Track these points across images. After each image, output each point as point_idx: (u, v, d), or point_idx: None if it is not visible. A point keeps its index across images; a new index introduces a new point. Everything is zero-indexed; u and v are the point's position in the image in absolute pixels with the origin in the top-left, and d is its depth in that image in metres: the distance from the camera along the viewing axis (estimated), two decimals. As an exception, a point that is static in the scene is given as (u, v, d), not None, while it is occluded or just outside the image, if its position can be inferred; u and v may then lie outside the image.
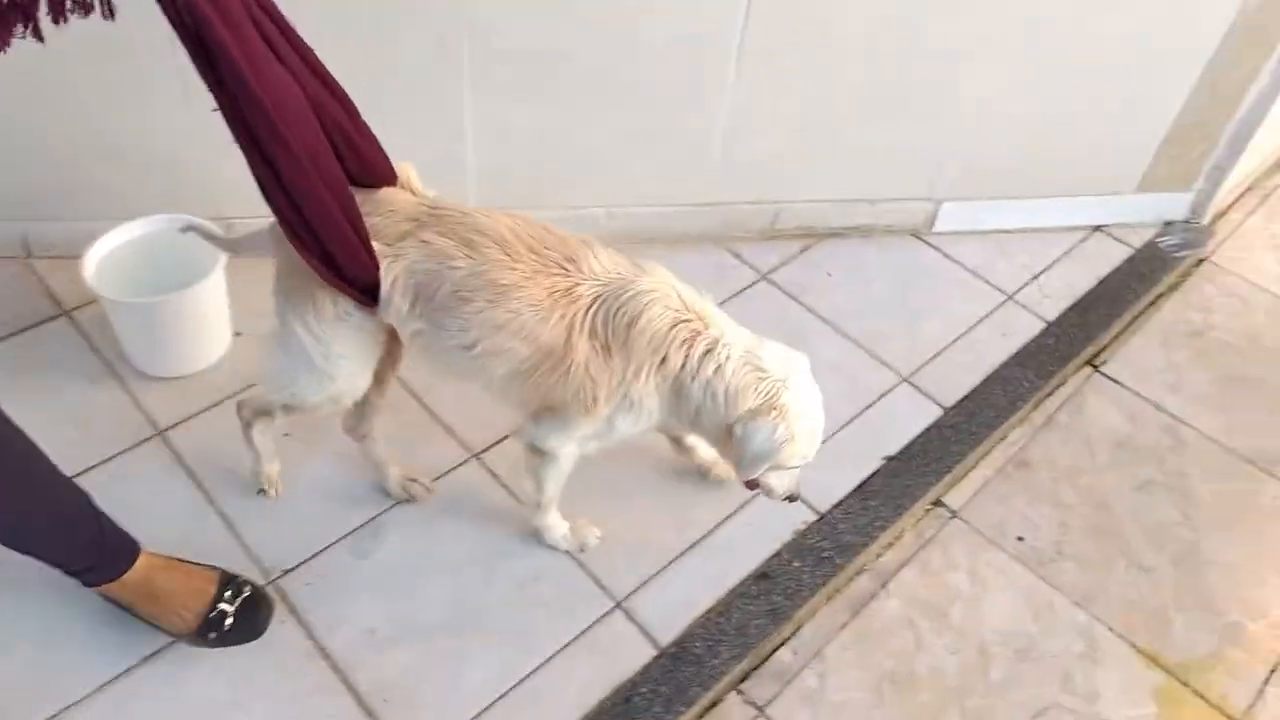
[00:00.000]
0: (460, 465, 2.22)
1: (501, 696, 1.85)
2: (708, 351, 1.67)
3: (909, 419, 2.44)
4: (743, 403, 1.68)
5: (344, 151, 1.56)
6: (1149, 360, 2.79)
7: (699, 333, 1.67)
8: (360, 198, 1.61)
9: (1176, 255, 2.97)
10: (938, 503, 2.38)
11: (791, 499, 1.91)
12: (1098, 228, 3.05)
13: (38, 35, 1.14)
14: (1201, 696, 2.09)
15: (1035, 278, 2.86)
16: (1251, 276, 3.09)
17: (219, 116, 1.38)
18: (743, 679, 2.02)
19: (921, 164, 2.75)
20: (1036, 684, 2.07)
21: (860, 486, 2.27)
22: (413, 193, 1.71)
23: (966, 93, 2.58)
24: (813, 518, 2.21)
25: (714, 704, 1.97)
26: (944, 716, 2.00)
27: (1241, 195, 3.38)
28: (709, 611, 2.01)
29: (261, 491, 2.10)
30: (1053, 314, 2.75)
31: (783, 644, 2.08)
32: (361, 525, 2.12)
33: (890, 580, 2.22)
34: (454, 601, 2.00)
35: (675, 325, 1.65)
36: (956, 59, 2.51)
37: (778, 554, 2.13)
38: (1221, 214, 3.30)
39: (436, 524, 2.13)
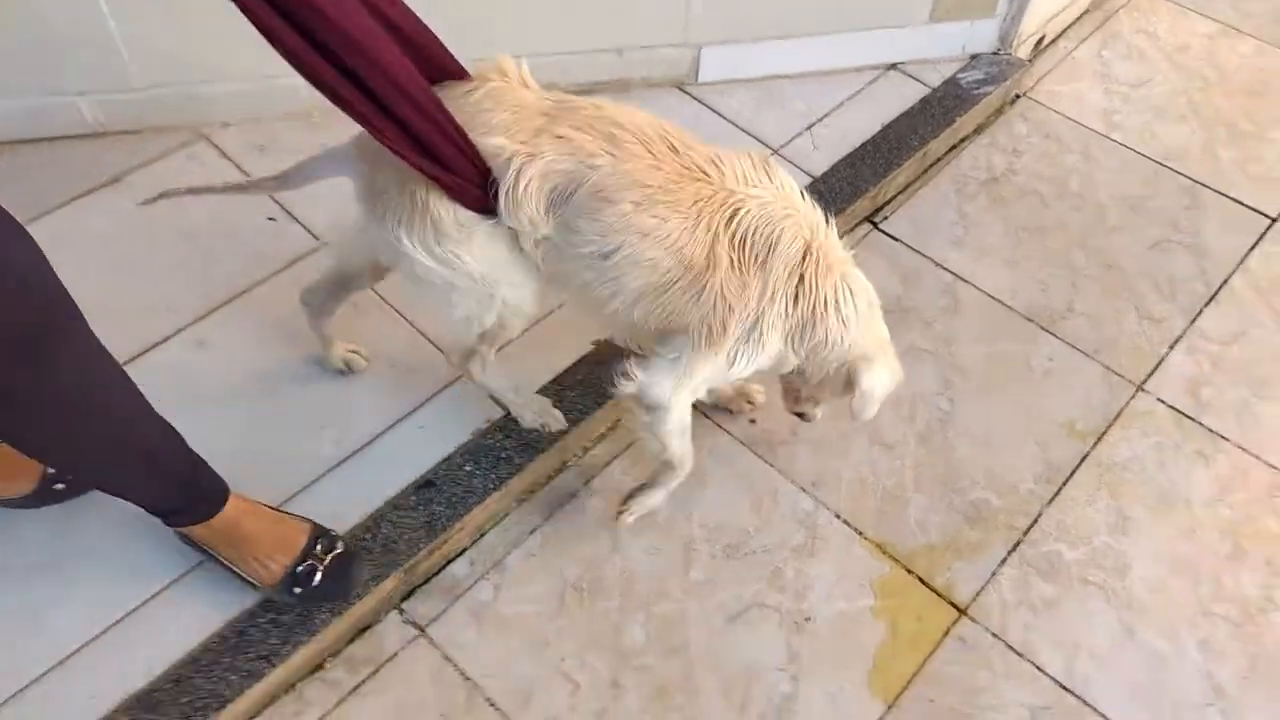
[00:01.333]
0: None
1: (94, 639, 1.64)
2: (836, 285, 1.54)
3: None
4: (863, 343, 1.60)
5: (412, 54, 1.42)
6: (937, 212, 2.51)
7: (830, 264, 1.54)
8: (475, 93, 1.48)
9: (979, 91, 2.64)
10: (666, 387, 2.15)
11: None
12: (892, 66, 2.71)
13: None
14: (926, 585, 1.89)
15: (809, 127, 2.55)
16: (1072, 112, 2.77)
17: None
18: (407, 596, 1.82)
19: (666, 2, 2.40)
20: (740, 582, 1.87)
21: (557, 378, 2.03)
22: (527, 87, 1.53)
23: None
24: (498, 414, 1.97)
25: (367, 627, 1.78)
26: (627, 626, 1.80)
27: (1077, 20, 3.03)
28: (355, 529, 1.80)
29: (545, 426, 1.92)
30: (822, 167, 2.45)
31: (461, 554, 1.88)
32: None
33: (596, 476, 2.01)
34: (58, 536, 1.75)
35: (808, 253, 1.52)
36: None
37: (449, 458, 1.90)
38: (1050, 42, 2.96)
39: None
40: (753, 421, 2.10)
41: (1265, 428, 2.11)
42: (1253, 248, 2.46)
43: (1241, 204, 2.55)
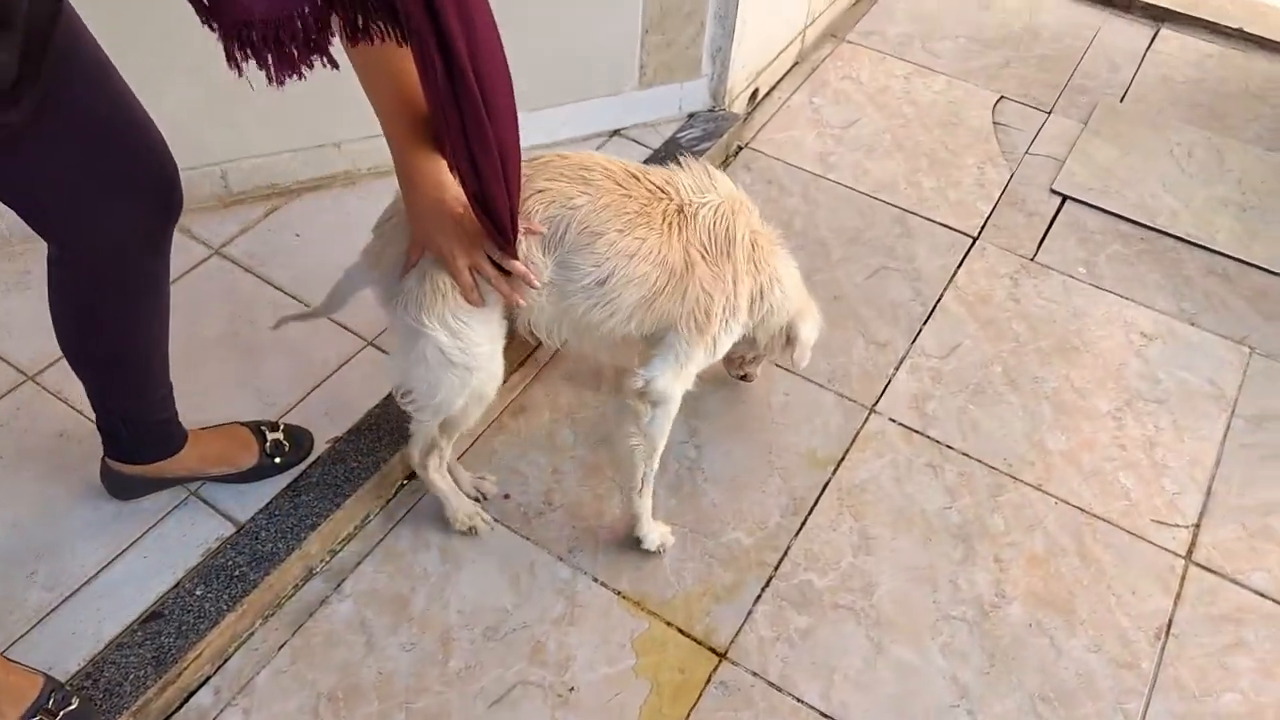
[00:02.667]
0: None
1: None
2: (776, 262, 1.86)
3: (369, 387, 2.15)
4: (796, 304, 1.94)
5: None
6: (673, 267, 2.60)
7: (770, 245, 1.85)
8: None
9: (699, 148, 2.77)
10: (415, 475, 2.11)
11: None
12: (615, 132, 2.82)
13: (334, 64, 1.23)
14: (686, 634, 1.91)
15: (537, 199, 2.60)
16: (791, 158, 2.94)
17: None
18: (147, 742, 1.70)
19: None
20: (501, 664, 1.84)
21: (292, 483, 1.96)
22: None
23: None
24: (229, 531, 1.88)
25: (102, 782, 1.64)
26: (386, 729, 1.74)
27: (788, 71, 3.24)
28: (75, 677, 1.67)
29: (472, 530, 1.99)
30: (552, 237, 2.49)
31: (204, 683, 1.77)
32: None
33: (347, 578, 1.94)
34: None
35: (754, 234, 1.80)
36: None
37: (177, 585, 1.80)
38: (766, 94, 3.14)
39: None
40: (507, 497, 2.09)
41: (982, 432, 2.27)
42: (959, 266, 2.66)
43: (946, 226, 2.76)
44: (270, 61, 1.20)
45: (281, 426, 1.98)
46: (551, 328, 1.77)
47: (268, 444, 1.94)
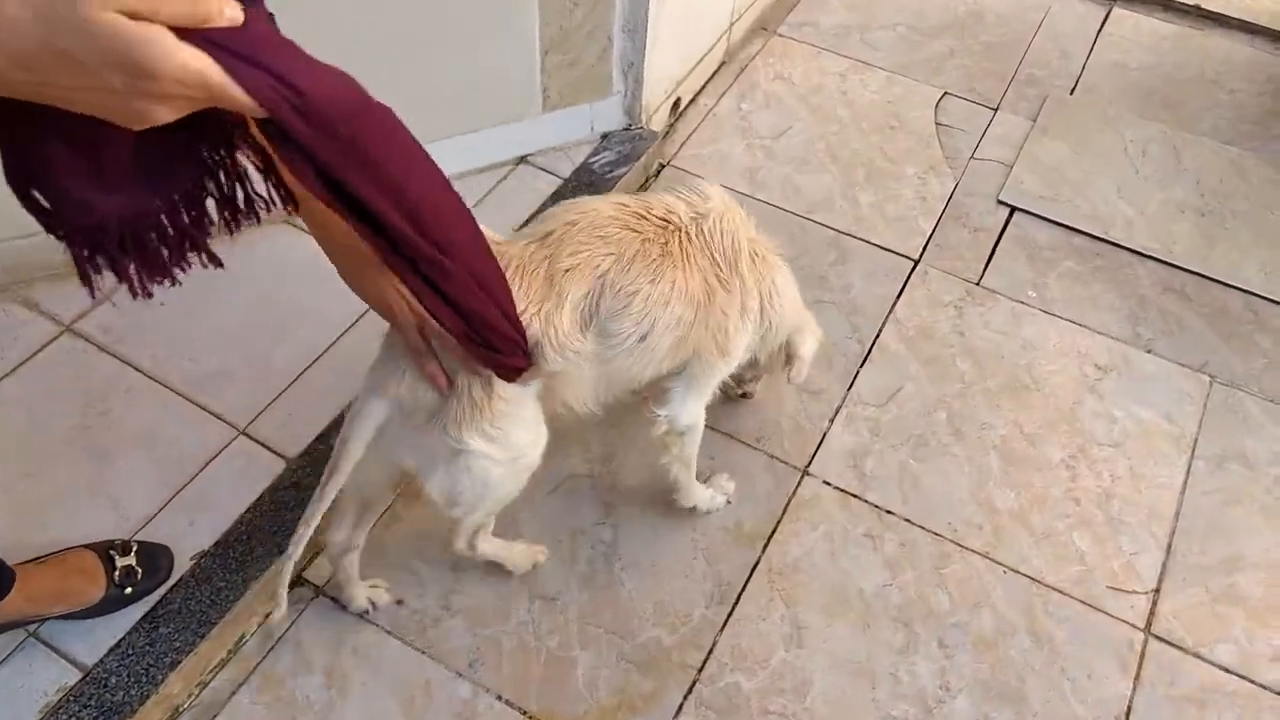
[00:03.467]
0: None
1: None
2: (774, 274, 1.77)
3: (241, 485, 1.92)
4: (794, 318, 1.85)
5: None
6: (588, 312, 2.37)
7: (767, 256, 1.76)
8: None
9: (613, 174, 2.52)
10: (299, 580, 1.90)
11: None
12: (521, 159, 2.56)
13: (216, 262, 1.09)
14: (600, 756, 1.73)
15: (433, 245, 2.35)
16: (717, 177, 2.70)
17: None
18: None
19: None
20: (392, 809, 1.65)
21: (149, 612, 1.74)
22: (497, 242, 1.54)
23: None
24: (74, 678, 1.66)
25: None
26: None
27: (715, 73, 2.98)
28: None
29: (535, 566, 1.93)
30: (449, 290, 2.25)
31: None
32: None
33: (219, 714, 1.73)
34: None
35: (752, 243, 1.72)
36: None
37: (13, 751, 1.59)
38: (690, 102, 2.89)
39: None
40: (399, 603, 1.88)
41: (924, 492, 2.09)
42: (899, 295, 2.45)
43: (884, 249, 2.55)
44: (133, 271, 0.97)
45: (135, 547, 1.75)
46: (587, 396, 1.67)
47: (117, 572, 1.71)
